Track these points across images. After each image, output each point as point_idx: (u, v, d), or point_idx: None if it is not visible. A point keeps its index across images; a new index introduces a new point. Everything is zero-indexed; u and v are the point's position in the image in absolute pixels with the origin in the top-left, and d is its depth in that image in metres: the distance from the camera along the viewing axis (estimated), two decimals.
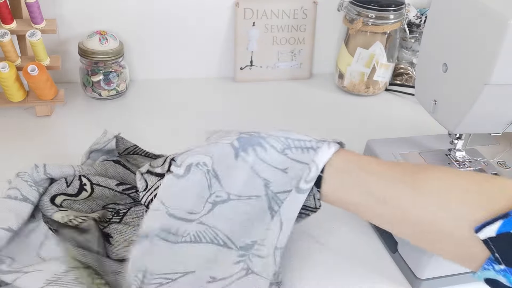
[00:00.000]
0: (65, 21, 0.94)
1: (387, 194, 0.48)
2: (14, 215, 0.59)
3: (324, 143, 0.52)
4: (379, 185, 0.48)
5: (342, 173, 0.50)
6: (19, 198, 0.61)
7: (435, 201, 0.46)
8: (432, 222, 0.45)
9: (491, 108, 0.57)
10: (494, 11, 0.51)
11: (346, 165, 0.50)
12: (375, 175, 0.49)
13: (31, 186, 0.63)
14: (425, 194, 0.46)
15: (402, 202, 0.47)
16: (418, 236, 0.48)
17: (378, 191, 0.48)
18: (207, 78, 1.07)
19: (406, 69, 1.09)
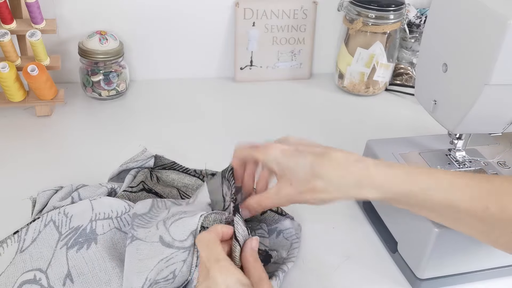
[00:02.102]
0: (65, 21, 0.94)
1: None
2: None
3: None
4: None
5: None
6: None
7: None
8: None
9: (491, 108, 0.57)
10: (494, 11, 0.51)
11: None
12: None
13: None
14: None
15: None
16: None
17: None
18: (207, 78, 1.07)
19: (406, 69, 1.09)
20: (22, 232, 0.59)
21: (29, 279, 0.55)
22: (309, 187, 0.51)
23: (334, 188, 0.51)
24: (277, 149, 0.53)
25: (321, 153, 0.52)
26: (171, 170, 0.73)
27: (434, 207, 0.50)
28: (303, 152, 0.52)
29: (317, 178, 0.51)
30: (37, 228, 0.59)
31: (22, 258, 0.57)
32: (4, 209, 0.67)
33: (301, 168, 0.51)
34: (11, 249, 0.58)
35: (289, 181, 0.52)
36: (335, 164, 0.51)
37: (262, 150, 0.55)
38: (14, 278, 0.55)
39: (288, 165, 0.52)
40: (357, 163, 0.51)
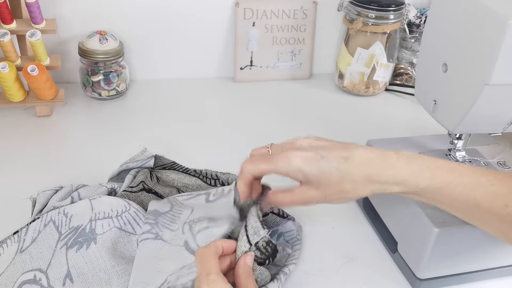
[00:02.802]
0: (65, 21, 0.94)
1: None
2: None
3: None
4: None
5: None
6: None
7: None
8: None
9: (491, 108, 0.57)
10: (494, 11, 0.51)
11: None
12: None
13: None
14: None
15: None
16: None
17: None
18: (207, 78, 1.07)
19: (406, 69, 1.09)
20: (22, 232, 0.59)
21: (29, 279, 0.55)
22: (337, 190, 0.52)
23: (361, 188, 0.51)
24: (297, 157, 0.52)
25: (344, 156, 0.51)
26: (171, 170, 0.73)
27: (455, 203, 0.51)
28: (325, 156, 0.51)
29: (344, 182, 0.51)
30: (37, 228, 0.59)
31: (22, 258, 0.57)
32: (4, 209, 0.67)
33: (327, 174, 0.51)
34: (11, 249, 0.58)
35: (315, 186, 0.52)
36: (360, 165, 0.51)
37: (281, 161, 0.52)
38: (14, 278, 0.55)
39: (313, 173, 0.51)
40: (381, 161, 0.51)
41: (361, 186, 0.51)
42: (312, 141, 0.54)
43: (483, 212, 0.50)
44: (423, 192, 0.51)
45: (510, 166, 0.67)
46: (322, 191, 0.52)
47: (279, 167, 0.52)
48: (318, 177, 0.51)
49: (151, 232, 0.58)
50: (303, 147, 0.54)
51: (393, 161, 0.51)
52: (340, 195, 0.52)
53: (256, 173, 0.54)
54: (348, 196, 0.52)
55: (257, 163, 0.54)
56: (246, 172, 0.55)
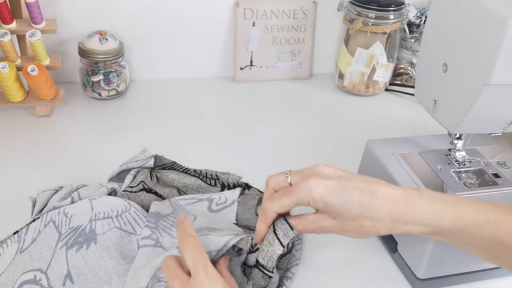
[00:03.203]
0: (65, 21, 0.94)
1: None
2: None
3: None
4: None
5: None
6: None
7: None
8: None
9: (491, 108, 0.57)
10: (494, 11, 0.51)
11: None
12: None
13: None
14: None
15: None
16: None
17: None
18: (207, 78, 1.07)
19: (406, 69, 1.09)
20: (22, 232, 0.59)
21: (29, 279, 0.55)
22: (356, 225, 0.50)
23: (381, 225, 0.50)
24: (320, 187, 0.49)
25: (368, 189, 0.50)
26: (171, 170, 0.73)
27: (479, 242, 0.50)
28: (348, 188, 0.49)
29: (365, 218, 0.49)
30: (37, 228, 0.59)
31: (22, 258, 0.57)
32: (4, 209, 0.67)
33: (348, 208, 0.49)
34: (11, 249, 0.58)
35: (333, 216, 0.50)
36: (383, 202, 0.49)
37: (303, 191, 0.50)
38: (14, 278, 0.55)
39: (334, 203, 0.49)
40: (403, 198, 0.50)
41: (381, 224, 0.50)
42: (333, 170, 0.52)
43: (509, 249, 0.49)
44: (447, 233, 0.50)
45: (510, 166, 0.67)
46: (340, 224, 0.50)
47: (301, 197, 0.50)
48: (338, 208, 0.49)
49: (151, 238, 0.58)
50: (325, 175, 0.51)
51: (416, 200, 0.50)
52: (359, 229, 0.50)
53: (281, 211, 0.52)
54: (366, 232, 0.50)
55: (279, 199, 0.51)
56: (271, 211, 0.52)
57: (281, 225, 0.52)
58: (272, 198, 0.52)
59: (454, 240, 0.51)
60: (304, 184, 0.50)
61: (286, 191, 0.51)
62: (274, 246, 0.52)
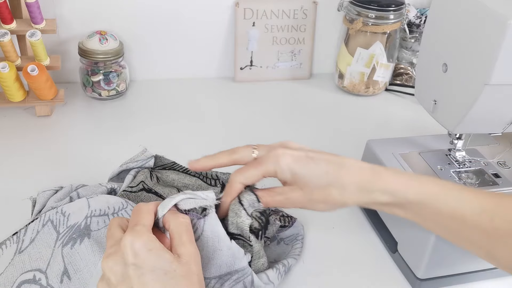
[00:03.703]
0: (65, 21, 0.94)
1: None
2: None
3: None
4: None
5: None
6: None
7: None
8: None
9: (491, 108, 0.57)
10: (494, 11, 0.51)
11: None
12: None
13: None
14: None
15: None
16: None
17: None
18: (207, 78, 1.07)
19: (406, 69, 1.09)
20: (21, 233, 0.59)
21: (28, 279, 0.55)
22: (323, 195, 0.50)
23: (348, 195, 0.50)
24: (287, 156, 0.51)
25: (335, 161, 0.51)
26: (171, 170, 0.73)
27: (440, 218, 0.50)
28: (316, 159, 0.51)
29: (332, 187, 0.50)
30: (35, 228, 0.59)
31: (21, 259, 0.57)
32: (4, 209, 0.67)
33: (315, 177, 0.50)
34: (10, 250, 0.58)
35: (300, 187, 0.51)
36: (350, 172, 0.50)
37: (271, 160, 0.51)
38: (12, 279, 0.55)
39: (302, 173, 0.50)
40: (370, 170, 0.51)
41: (348, 194, 0.50)
42: (302, 145, 0.54)
43: (469, 228, 0.49)
44: (410, 206, 0.50)
45: (510, 166, 0.67)
46: (307, 194, 0.51)
47: (268, 167, 0.51)
48: (306, 178, 0.50)
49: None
50: (293, 147, 0.52)
51: (382, 172, 0.51)
52: (326, 199, 0.51)
53: (247, 182, 0.52)
54: (333, 201, 0.51)
55: (246, 170, 0.52)
56: (236, 182, 0.52)
57: (248, 196, 0.52)
58: (240, 170, 0.52)
59: (416, 215, 0.51)
60: (271, 154, 0.51)
61: (253, 162, 0.52)
62: (241, 217, 0.52)
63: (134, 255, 0.42)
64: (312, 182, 0.50)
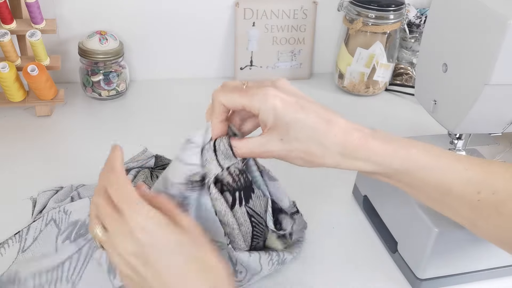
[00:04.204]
0: (65, 21, 0.94)
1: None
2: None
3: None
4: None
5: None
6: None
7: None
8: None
9: (491, 108, 0.57)
10: (494, 11, 0.51)
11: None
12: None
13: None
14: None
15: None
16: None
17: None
18: (207, 78, 1.07)
19: (406, 69, 1.09)
20: (23, 232, 0.59)
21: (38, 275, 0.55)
22: (303, 148, 0.47)
23: (329, 156, 0.48)
24: (276, 98, 0.47)
25: (325, 117, 0.47)
26: None
27: (426, 188, 0.49)
28: (306, 108, 0.47)
29: (314, 143, 0.47)
30: (38, 227, 0.59)
31: (24, 257, 0.57)
32: (4, 209, 0.67)
33: (300, 127, 0.47)
34: (12, 249, 0.58)
35: (280, 136, 0.47)
36: (336, 132, 0.47)
37: (258, 96, 0.47)
38: (18, 275, 0.55)
39: (286, 119, 0.46)
40: (358, 133, 0.48)
41: (329, 155, 0.48)
42: (295, 89, 0.50)
43: (454, 198, 0.48)
44: (395, 174, 0.49)
45: None
46: (287, 145, 0.48)
47: (253, 101, 0.47)
48: (289, 126, 0.47)
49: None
50: (286, 90, 0.49)
51: (368, 137, 0.48)
52: (305, 155, 0.48)
53: (229, 103, 0.49)
54: (312, 159, 0.48)
55: (231, 92, 0.48)
56: (218, 102, 0.49)
57: (223, 146, 0.50)
58: (223, 89, 0.49)
59: (400, 182, 0.50)
60: (260, 91, 0.47)
61: (241, 89, 0.48)
62: (211, 164, 0.50)
63: (148, 235, 0.42)
64: (294, 132, 0.47)
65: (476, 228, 0.50)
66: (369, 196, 0.70)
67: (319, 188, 0.75)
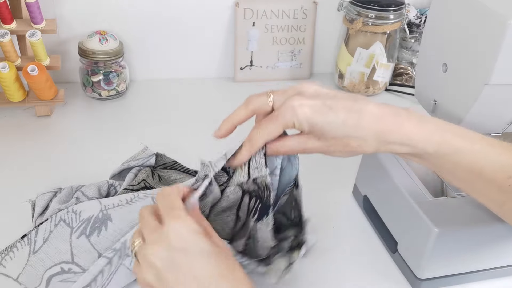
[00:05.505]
0: (65, 21, 0.94)
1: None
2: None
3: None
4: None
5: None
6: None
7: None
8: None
9: (491, 108, 0.57)
10: (494, 11, 0.51)
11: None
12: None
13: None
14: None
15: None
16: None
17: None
18: (207, 78, 1.07)
19: (406, 69, 1.09)
20: (32, 234, 0.59)
21: (56, 272, 0.55)
22: (341, 144, 0.49)
23: (367, 145, 0.49)
24: (304, 107, 0.48)
25: (355, 108, 0.48)
26: (173, 170, 0.73)
27: (458, 171, 0.50)
28: (334, 108, 0.48)
29: (351, 137, 0.48)
30: (48, 228, 0.59)
31: (38, 258, 0.57)
32: (4, 209, 0.67)
33: (334, 127, 0.48)
34: (22, 252, 0.58)
35: (318, 137, 0.49)
36: (370, 122, 0.48)
37: (289, 113, 0.48)
38: (37, 277, 0.55)
39: (319, 124, 0.48)
40: (392, 117, 0.48)
41: (367, 144, 0.49)
42: (318, 88, 0.51)
43: (485, 182, 0.49)
44: (429, 157, 0.49)
45: None
46: (325, 144, 0.49)
47: (286, 120, 0.48)
48: (323, 128, 0.48)
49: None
50: (310, 94, 0.50)
51: (404, 122, 0.49)
52: (344, 149, 0.49)
53: (269, 138, 0.50)
54: (351, 150, 0.50)
55: (266, 127, 0.50)
56: (258, 139, 0.50)
57: (259, 159, 0.51)
58: (259, 125, 0.50)
59: (433, 165, 0.51)
60: (287, 105, 0.48)
61: (271, 116, 0.50)
62: (241, 171, 0.51)
63: (181, 240, 0.43)
64: (330, 132, 0.48)
65: (503, 210, 0.51)
66: (369, 196, 0.70)
67: (319, 188, 0.75)
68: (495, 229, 0.57)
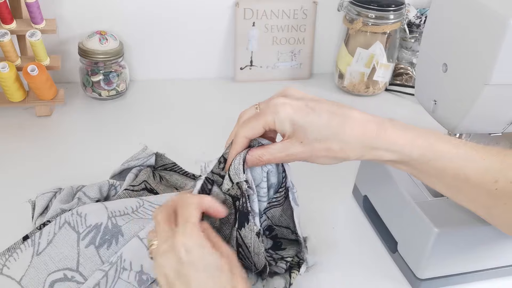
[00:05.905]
0: (65, 21, 0.94)
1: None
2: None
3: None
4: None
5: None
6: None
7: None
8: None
9: (491, 108, 0.57)
10: (494, 11, 0.51)
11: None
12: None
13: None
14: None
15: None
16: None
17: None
18: (207, 78, 1.07)
19: (406, 69, 1.09)
20: (36, 236, 0.59)
21: (59, 277, 0.55)
22: (323, 148, 0.49)
23: (350, 150, 0.49)
24: (286, 106, 0.48)
25: (338, 113, 0.49)
26: (172, 172, 0.73)
27: (445, 177, 0.50)
28: (317, 110, 0.49)
29: (334, 140, 0.48)
30: (52, 230, 0.58)
31: (41, 260, 0.56)
32: (4, 209, 0.67)
33: (316, 129, 0.48)
34: (25, 253, 0.57)
35: (300, 140, 0.49)
36: (353, 126, 0.48)
37: (270, 110, 0.49)
38: (40, 280, 0.55)
39: (301, 124, 0.48)
40: (375, 124, 0.49)
41: (350, 148, 0.49)
42: (304, 94, 0.51)
43: (472, 187, 0.49)
44: (415, 163, 0.50)
45: None
46: (308, 147, 0.49)
47: (267, 117, 0.49)
48: (305, 129, 0.48)
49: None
50: (294, 96, 0.51)
51: (388, 128, 0.49)
52: (327, 153, 0.49)
53: (251, 133, 0.51)
54: (335, 156, 0.49)
55: (248, 123, 0.51)
56: (241, 136, 0.51)
57: (238, 164, 0.51)
58: (242, 123, 0.52)
59: (419, 172, 0.51)
60: (270, 103, 0.49)
61: (255, 114, 0.51)
62: (225, 180, 0.53)
63: (187, 253, 0.43)
64: (312, 134, 0.48)
65: (492, 216, 0.51)
66: (369, 196, 0.70)
67: (319, 188, 0.75)
68: (495, 229, 0.57)
